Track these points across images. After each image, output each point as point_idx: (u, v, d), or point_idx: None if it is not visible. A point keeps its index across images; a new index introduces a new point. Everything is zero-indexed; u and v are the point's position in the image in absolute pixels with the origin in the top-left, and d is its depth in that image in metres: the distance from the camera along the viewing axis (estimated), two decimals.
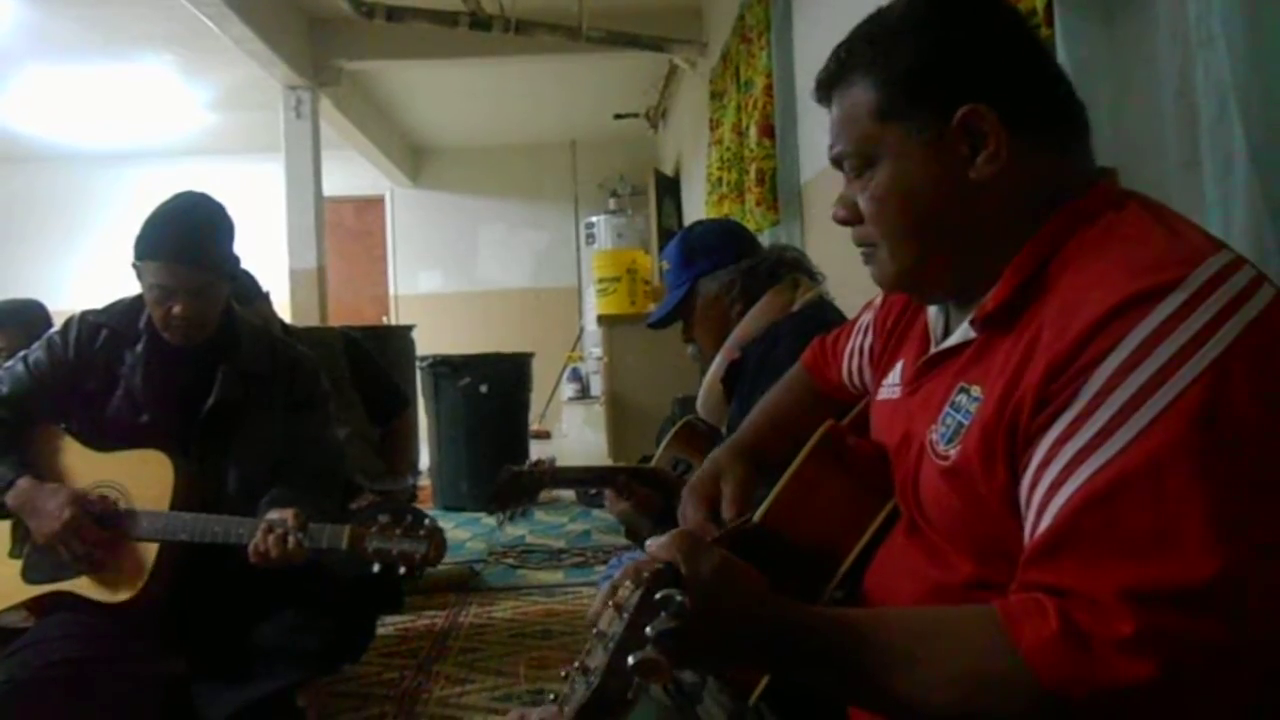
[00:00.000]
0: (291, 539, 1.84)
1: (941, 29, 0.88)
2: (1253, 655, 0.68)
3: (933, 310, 1.01)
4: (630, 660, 0.64)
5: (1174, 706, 0.68)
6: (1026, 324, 0.81)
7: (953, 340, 0.92)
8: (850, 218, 0.95)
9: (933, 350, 0.96)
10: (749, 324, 2.06)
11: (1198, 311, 0.72)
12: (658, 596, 0.67)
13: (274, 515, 1.88)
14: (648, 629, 0.65)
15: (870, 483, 1.05)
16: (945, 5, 0.90)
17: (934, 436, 0.89)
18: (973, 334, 0.88)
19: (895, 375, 1.06)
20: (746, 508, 1.17)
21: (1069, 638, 0.69)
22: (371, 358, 3.47)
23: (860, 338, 1.24)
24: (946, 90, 0.86)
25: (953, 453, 0.86)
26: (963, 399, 0.86)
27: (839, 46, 0.94)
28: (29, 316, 3.11)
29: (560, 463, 2.24)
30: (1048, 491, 0.74)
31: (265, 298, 3.09)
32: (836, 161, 0.95)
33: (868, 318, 1.23)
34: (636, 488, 2.05)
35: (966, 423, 0.85)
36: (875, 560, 1.01)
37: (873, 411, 1.13)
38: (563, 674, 0.71)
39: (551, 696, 0.71)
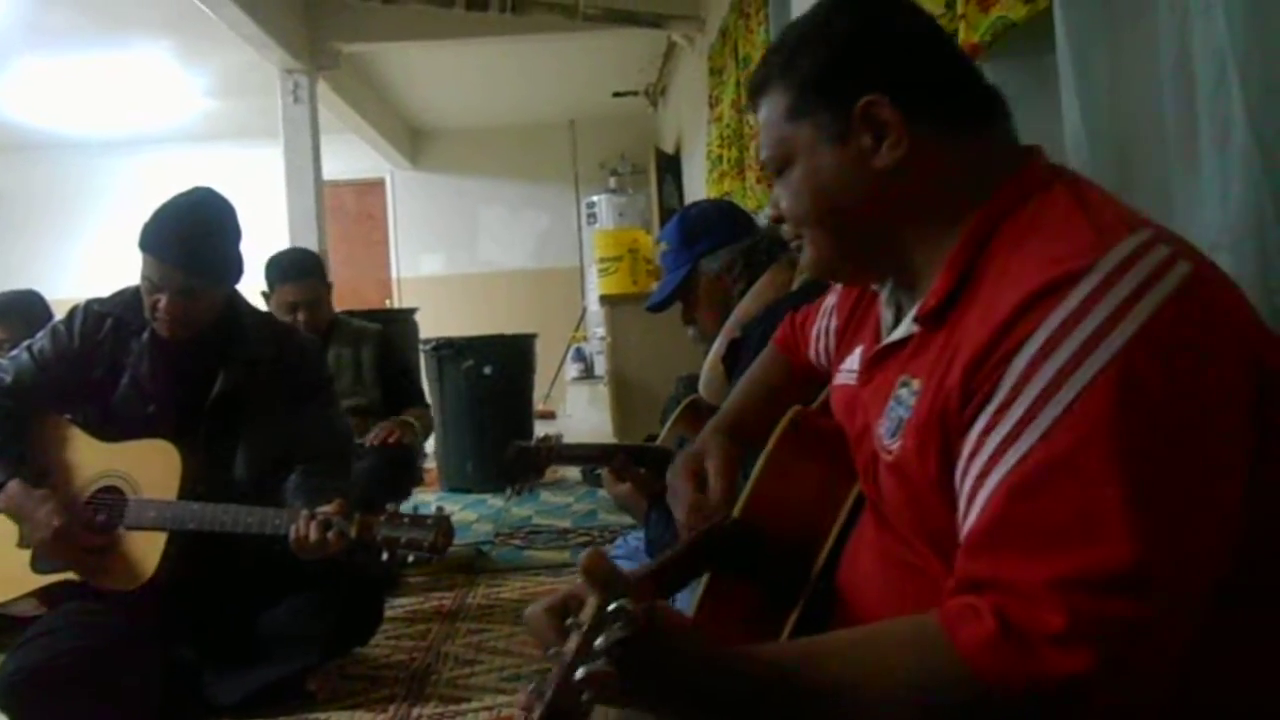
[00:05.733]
0: (334, 532, 1.85)
1: (840, 30, 0.94)
2: (1178, 632, 0.71)
3: (884, 300, 1.03)
4: (579, 673, 0.63)
5: (1113, 691, 0.69)
6: (958, 317, 0.84)
7: (898, 334, 0.94)
8: (779, 215, 1.02)
9: (882, 342, 0.98)
10: (748, 304, 2.06)
11: (1108, 296, 0.73)
12: (611, 608, 0.67)
13: (322, 509, 1.88)
14: (598, 642, 0.65)
15: (840, 465, 1.06)
16: (843, 8, 0.95)
17: (880, 430, 0.91)
18: (915, 328, 0.90)
19: (853, 361, 1.07)
20: (733, 481, 1.18)
21: (1005, 636, 0.70)
22: (401, 353, 3.56)
23: (825, 320, 1.26)
24: (847, 86, 0.90)
25: (895, 447, 0.88)
26: (904, 392, 0.88)
27: (761, 58, 1.01)
28: (29, 307, 3.12)
29: (566, 441, 2.25)
30: (975, 483, 0.76)
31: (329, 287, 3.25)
32: (764, 166, 1.01)
33: (832, 300, 1.25)
34: (634, 469, 2.05)
35: (906, 417, 0.87)
36: (848, 546, 1.02)
37: (831, 395, 1.14)
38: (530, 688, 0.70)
39: (530, 686, 0.70)
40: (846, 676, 0.74)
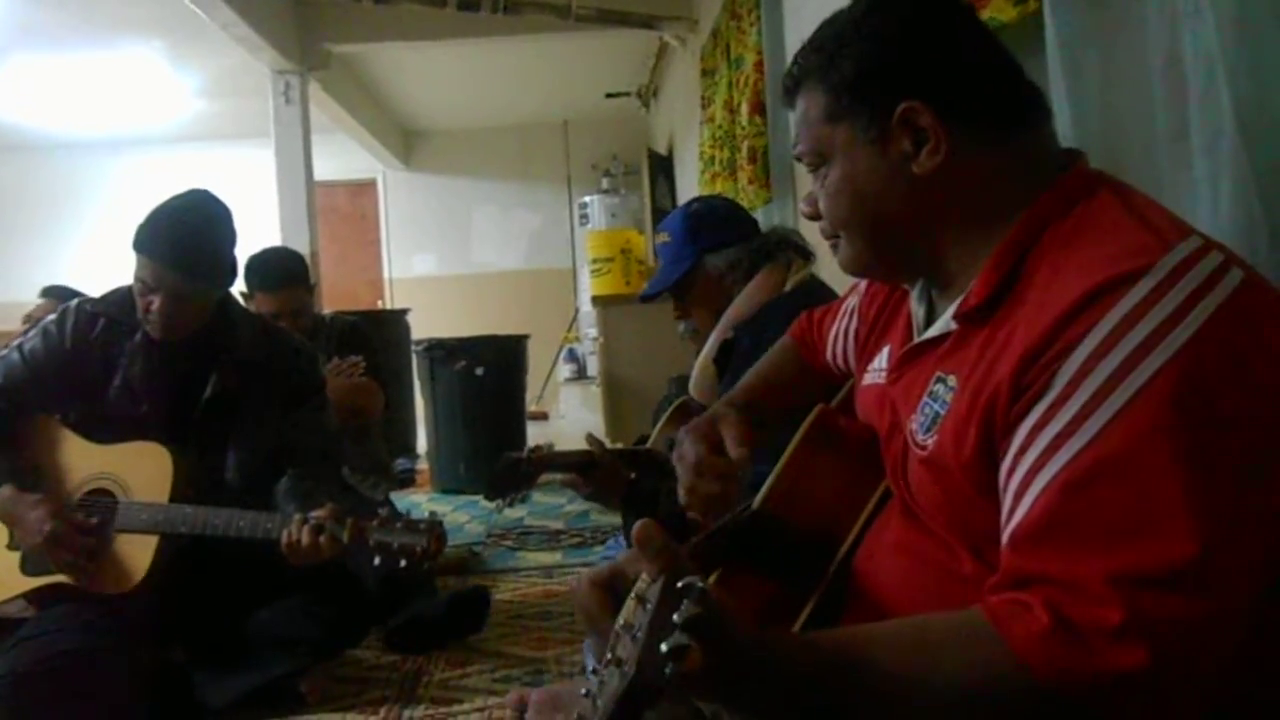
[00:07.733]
0: (326, 537, 1.84)
1: (881, 32, 0.93)
2: (1232, 629, 0.71)
3: (914, 299, 1.03)
4: (663, 647, 0.63)
5: (1166, 688, 0.69)
6: (1002, 317, 0.84)
7: (933, 331, 0.94)
8: (814, 213, 1.02)
9: (915, 340, 0.98)
10: (742, 304, 2.05)
11: (1168, 295, 0.73)
12: (679, 584, 0.66)
13: (314, 513, 1.87)
14: (675, 616, 0.64)
15: (863, 463, 1.07)
16: (884, 8, 0.95)
17: (913, 426, 0.91)
18: (953, 325, 0.90)
19: (881, 360, 1.08)
20: (750, 445, 1.17)
21: (1060, 630, 0.70)
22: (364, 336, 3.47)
23: (845, 321, 1.26)
24: (887, 90, 0.91)
25: (930, 442, 0.88)
26: (939, 388, 0.89)
27: (797, 53, 1.01)
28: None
29: (559, 444, 2.24)
30: (1025, 477, 0.76)
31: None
32: (799, 159, 1.02)
33: (853, 302, 1.24)
34: (595, 475, 2.02)
35: (943, 412, 0.87)
36: (865, 543, 1.02)
37: (857, 395, 1.14)
38: (591, 670, 0.70)
39: (584, 691, 0.70)
40: (897, 665, 0.74)
